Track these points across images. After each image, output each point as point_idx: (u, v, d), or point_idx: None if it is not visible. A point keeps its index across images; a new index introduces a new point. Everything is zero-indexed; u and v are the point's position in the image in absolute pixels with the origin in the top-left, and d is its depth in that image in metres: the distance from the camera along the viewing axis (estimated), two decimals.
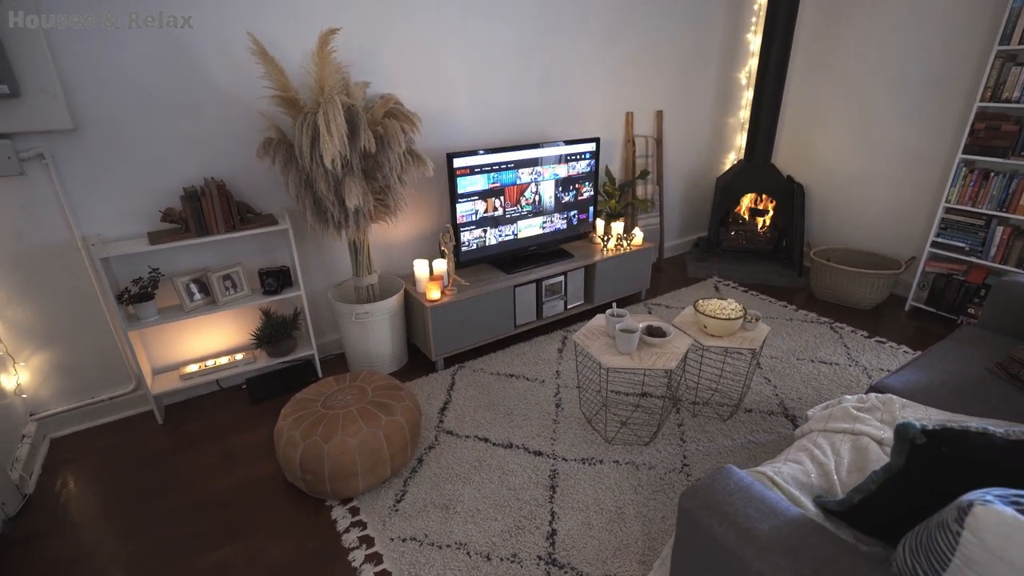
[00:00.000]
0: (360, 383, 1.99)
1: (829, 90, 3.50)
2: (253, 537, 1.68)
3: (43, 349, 2.05)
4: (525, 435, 2.09)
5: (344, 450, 1.71)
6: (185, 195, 2.00)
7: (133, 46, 1.88)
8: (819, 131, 3.63)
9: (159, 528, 1.72)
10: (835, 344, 2.74)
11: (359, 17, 2.28)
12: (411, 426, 1.89)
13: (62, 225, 1.94)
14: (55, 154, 1.86)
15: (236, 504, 1.81)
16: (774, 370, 2.51)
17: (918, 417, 1.40)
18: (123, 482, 1.91)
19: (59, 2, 1.73)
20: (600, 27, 3.02)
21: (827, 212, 3.70)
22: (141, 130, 1.98)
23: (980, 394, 1.58)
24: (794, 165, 3.83)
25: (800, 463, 1.24)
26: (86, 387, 2.17)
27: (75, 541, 1.67)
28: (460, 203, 2.57)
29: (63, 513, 1.78)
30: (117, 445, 2.10)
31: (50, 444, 2.11)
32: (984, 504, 0.64)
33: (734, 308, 2.01)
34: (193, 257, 2.22)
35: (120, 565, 1.59)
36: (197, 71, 2.01)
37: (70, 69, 1.80)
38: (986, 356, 1.78)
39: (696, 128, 3.81)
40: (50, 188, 1.88)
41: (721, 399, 2.30)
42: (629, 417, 2.18)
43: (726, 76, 3.78)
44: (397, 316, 2.51)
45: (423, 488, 1.84)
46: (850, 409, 1.41)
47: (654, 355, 1.85)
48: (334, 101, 1.78)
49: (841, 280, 3.15)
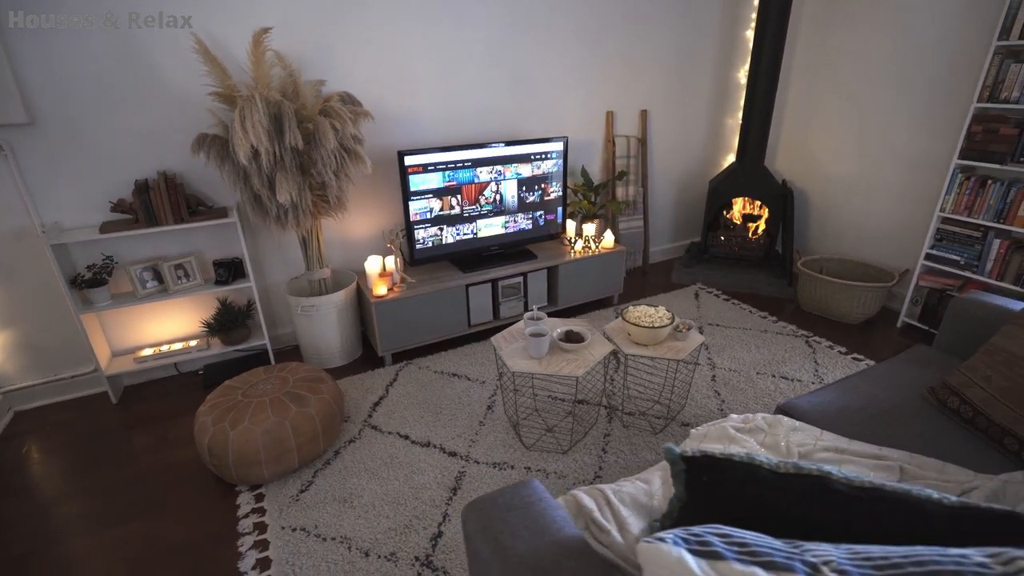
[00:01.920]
0: (285, 374, 2.04)
1: (829, 91, 3.29)
2: (160, 515, 1.76)
3: (9, 327, 2.22)
4: (446, 435, 2.08)
5: (248, 438, 1.76)
6: (136, 187, 2.11)
7: (88, 45, 2.00)
8: (818, 134, 3.42)
9: (84, 499, 1.83)
10: (804, 360, 2.57)
11: (315, 15, 2.33)
12: (324, 418, 1.92)
13: (23, 212, 2.09)
14: (14, 145, 2.01)
15: (157, 483, 1.89)
16: (728, 383, 2.38)
17: (801, 442, 1.29)
18: (66, 455, 2.04)
19: (21, 2, 1.86)
20: (575, 25, 2.96)
21: (826, 220, 3.48)
22: (98, 125, 2.11)
23: (901, 421, 1.45)
24: (793, 169, 3.62)
25: (648, 483, 1.17)
26: (50, 365, 2.33)
27: (6, 509, 1.80)
28: (413, 201, 2.58)
29: (6, 481, 1.92)
30: (71, 421, 2.24)
31: (14, 415, 2.28)
32: (648, 543, 0.58)
33: (661, 316, 1.92)
34: (151, 246, 2.34)
35: (39, 531, 1.70)
36: (151, 69, 2.12)
37: (25, 66, 1.94)
38: (928, 379, 1.63)
39: (689, 129, 3.67)
40: (10, 177, 2.03)
41: (662, 411, 2.20)
42: (557, 424, 2.13)
43: (724, 75, 3.62)
44: (346, 310, 2.55)
45: (330, 480, 1.86)
46: (728, 429, 1.32)
47: (565, 361, 1.80)
48: (253, 99, 1.83)
49: (827, 292, 2.95)
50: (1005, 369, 1.36)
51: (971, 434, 1.40)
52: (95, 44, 2.01)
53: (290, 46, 2.31)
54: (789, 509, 0.73)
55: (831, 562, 0.57)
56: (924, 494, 0.70)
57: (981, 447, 1.36)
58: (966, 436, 1.39)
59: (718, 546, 0.59)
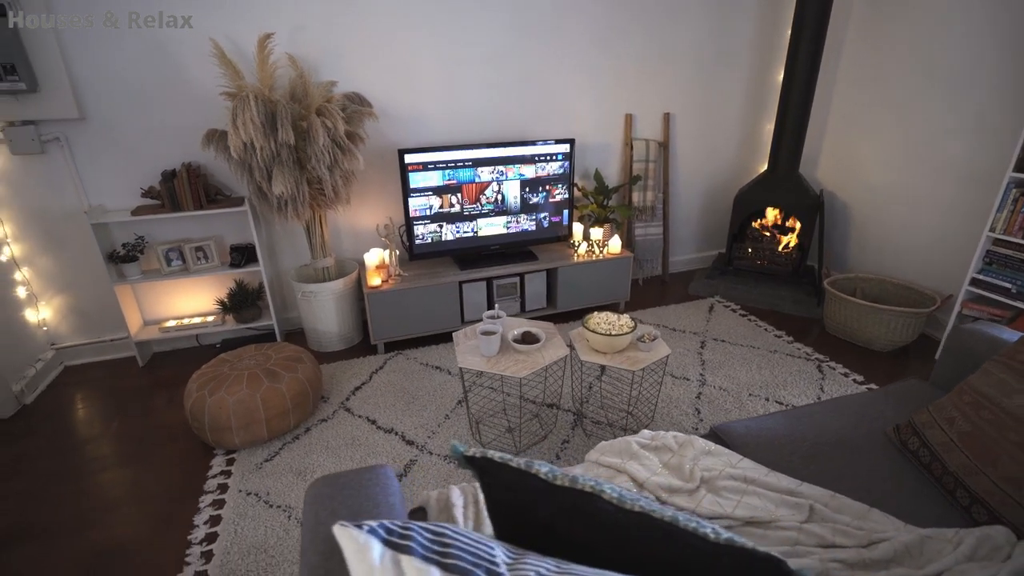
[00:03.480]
0: (270, 352, 2.21)
1: (876, 93, 2.99)
2: (147, 466, 1.97)
3: (62, 293, 2.57)
4: (410, 424, 2.14)
5: (221, 407, 1.93)
6: (162, 176, 2.37)
7: (127, 47, 2.28)
8: (862, 141, 3.12)
9: (92, 445, 2.09)
10: (809, 385, 2.37)
11: (328, 20, 2.49)
12: (294, 395, 2.05)
13: (74, 195, 2.42)
14: (69, 137, 2.33)
15: (154, 438, 2.12)
16: (712, 402, 2.26)
17: (709, 466, 1.21)
18: (91, 407, 2.34)
19: (60, 3, 2.16)
20: (590, 26, 2.93)
21: (866, 234, 3.17)
22: (134, 121, 2.39)
23: (851, 457, 1.31)
24: (835, 179, 3.33)
25: None
26: (93, 328, 2.68)
27: (33, 444, 2.10)
28: (412, 197, 2.68)
29: (40, 423, 2.24)
30: (103, 378, 2.56)
31: (64, 369, 2.64)
32: (343, 526, 0.59)
33: (622, 324, 1.86)
34: (176, 229, 2.61)
35: (53, 470, 1.97)
36: (180, 71, 2.38)
37: (76, 68, 2.25)
38: (903, 416, 1.46)
39: (719, 134, 3.49)
40: (65, 165, 2.36)
41: (633, 423, 2.13)
42: (520, 425, 2.13)
43: (761, 77, 3.40)
44: (345, 298, 2.70)
45: (294, 454, 1.99)
46: (633, 444, 1.27)
47: (513, 361, 1.80)
48: (247, 99, 2.00)
49: (853, 314, 2.69)
50: (972, 412, 1.19)
51: (927, 481, 1.24)
52: (132, 48, 2.28)
53: (305, 49, 2.49)
54: (564, 524, 0.71)
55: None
56: (691, 525, 0.66)
57: (935, 496, 1.20)
58: (921, 482, 1.24)
59: (416, 541, 0.59)
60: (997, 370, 1.19)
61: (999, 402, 1.14)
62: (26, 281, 2.47)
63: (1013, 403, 1.11)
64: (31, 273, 2.48)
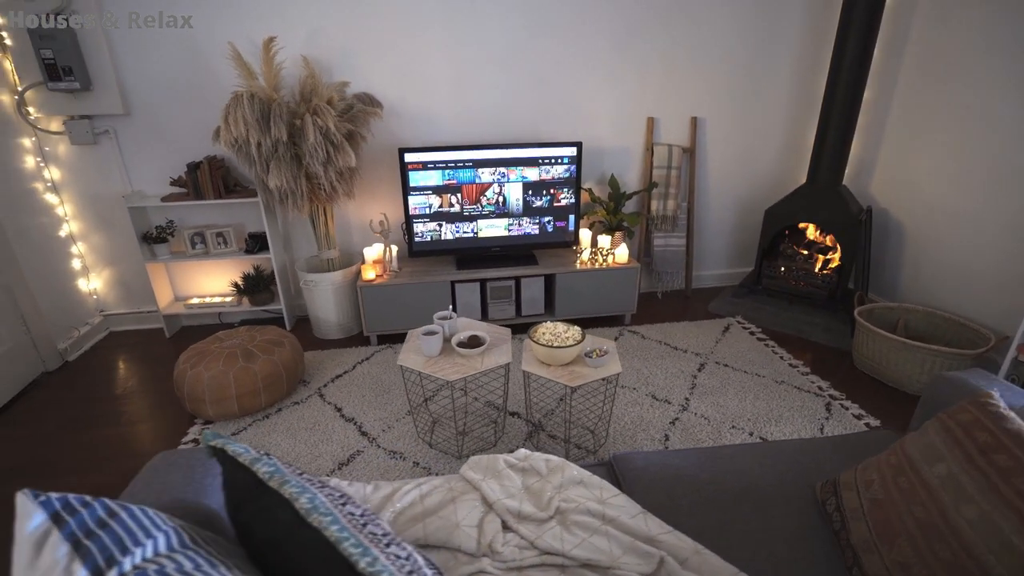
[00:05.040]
0: (256, 334, 2.36)
1: (942, 94, 2.58)
2: (139, 426, 2.19)
3: (110, 267, 2.93)
4: (371, 416, 2.19)
5: (198, 380, 2.09)
6: (188, 168, 2.63)
7: (164, 50, 2.55)
8: (922, 150, 2.71)
9: (106, 401, 2.36)
10: (808, 424, 2.11)
11: (344, 22, 2.61)
12: (265, 376, 2.18)
13: (120, 181, 2.75)
14: (117, 130, 2.65)
15: (151, 402, 2.36)
16: (688, 431, 2.08)
17: (572, 497, 1.11)
18: (118, 369, 2.65)
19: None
20: (609, 25, 2.81)
21: (923, 259, 2.75)
22: (170, 115, 2.67)
23: (756, 510, 1.14)
24: (889, 194, 2.93)
25: (364, 487, 1.14)
26: (135, 299, 3.02)
27: (64, 395, 2.42)
28: (412, 196, 2.73)
29: (75, 377, 2.57)
30: (134, 344, 2.88)
31: (108, 334, 3.01)
32: (23, 494, 0.61)
33: (568, 337, 1.77)
34: (203, 216, 2.88)
35: (70, 418, 2.26)
36: (209, 71, 2.61)
37: (122, 69, 2.55)
38: (842, 470, 1.25)
39: (757, 140, 3.20)
40: (113, 154, 2.69)
41: (592, 443, 2.02)
42: (475, 430, 2.10)
43: (808, 80, 3.08)
44: (343, 290, 2.82)
45: (259, 431, 2.12)
46: (499, 461, 1.19)
47: (452, 364, 1.78)
48: (240, 98, 2.15)
49: (883, 349, 2.36)
50: (891, 476, 0.99)
51: (833, 551, 1.05)
52: (168, 50, 2.55)
53: (322, 51, 2.64)
54: (260, 528, 0.69)
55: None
56: (351, 551, 0.61)
57: (836, 570, 1.02)
58: (828, 552, 1.05)
59: (81, 517, 0.61)
60: (934, 431, 0.98)
61: (919, 469, 0.94)
62: (81, 255, 2.85)
63: (932, 472, 0.91)
64: (85, 248, 2.86)
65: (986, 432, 0.88)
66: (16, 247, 2.45)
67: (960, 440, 0.90)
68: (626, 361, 2.58)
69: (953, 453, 0.90)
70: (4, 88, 2.44)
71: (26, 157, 2.55)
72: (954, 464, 0.88)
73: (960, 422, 0.94)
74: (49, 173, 2.66)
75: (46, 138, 2.60)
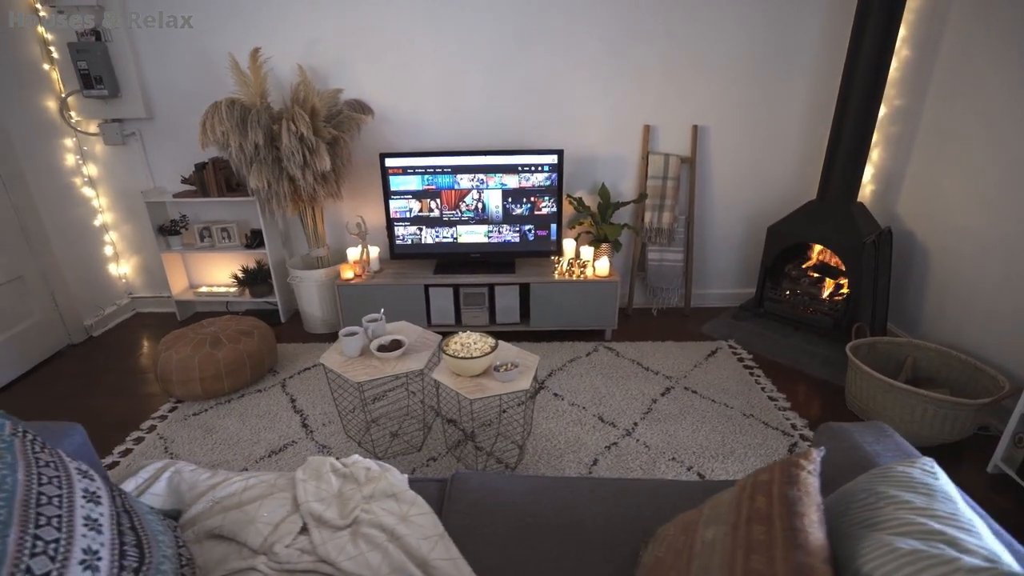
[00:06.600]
0: (232, 323, 2.54)
1: (973, 105, 2.24)
2: (120, 400, 2.43)
3: (136, 255, 3.28)
4: (319, 411, 2.27)
5: (168, 362, 2.29)
6: (195, 167, 2.88)
7: (180, 60, 2.81)
8: (952, 168, 2.36)
9: (111, 375, 2.64)
10: (759, 464, 1.91)
11: (340, 33, 2.74)
12: (228, 363, 2.33)
13: (145, 178, 3.07)
14: (142, 132, 2.97)
15: (139, 379, 2.60)
16: (621, 456, 1.96)
17: (377, 509, 1.09)
18: (133, 345, 2.96)
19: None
20: (603, 31, 2.72)
21: (947, 290, 2.39)
22: (186, 119, 2.93)
23: (570, 552, 1.06)
24: (916, 215, 2.59)
25: (178, 476, 1.18)
26: (156, 285, 3.35)
27: (78, 366, 2.74)
28: (393, 200, 2.81)
29: (94, 351, 2.90)
30: (151, 325, 3.20)
31: (135, 314, 3.36)
32: None
33: (477, 348, 1.74)
34: (212, 212, 3.14)
35: (75, 387, 2.55)
36: (218, 79, 2.85)
37: (145, 78, 2.84)
38: None
39: (767, 152, 2.95)
40: (139, 154, 3.01)
41: (513, 458, 1.97)
42: (409, 432, 2.11)
43: (826, 89, 2.79)
44: (326, 287, 2.94)
45: (217, 413, 2.27)
46: (325, 464, 1.19)
47: (365, 366, 1.81)
48: (218, 105, 2.32)
49: (872, 391, 2.08)
50: (680, 533, 0.88)
51: None
52: (184, 60, 2.81)
53: (318, 60, 2.79)
54: None
55: None
56: None
57: None
58: None
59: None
60: (739, 488, 0.86)
61: (696, 530, 0.82)
62: (112, 242, 3.21)
63: (703, 536, 0.80)
64: (116, 236, 3.22)
65: (766, 498, 0.76)
66: (51, 234, 2.81)
67: (741, 503, 0.79)
68: (587, 379, 2.48)
69: (729, 517, 0.78)
70: (51, 95, 2.81)
71: (68, 155, 2.92)
72: (721, 529, 0.77)
73: (757, 482, 0.82)
74: (87, 170, 3.03)
75: (84, 139, 2.97)
